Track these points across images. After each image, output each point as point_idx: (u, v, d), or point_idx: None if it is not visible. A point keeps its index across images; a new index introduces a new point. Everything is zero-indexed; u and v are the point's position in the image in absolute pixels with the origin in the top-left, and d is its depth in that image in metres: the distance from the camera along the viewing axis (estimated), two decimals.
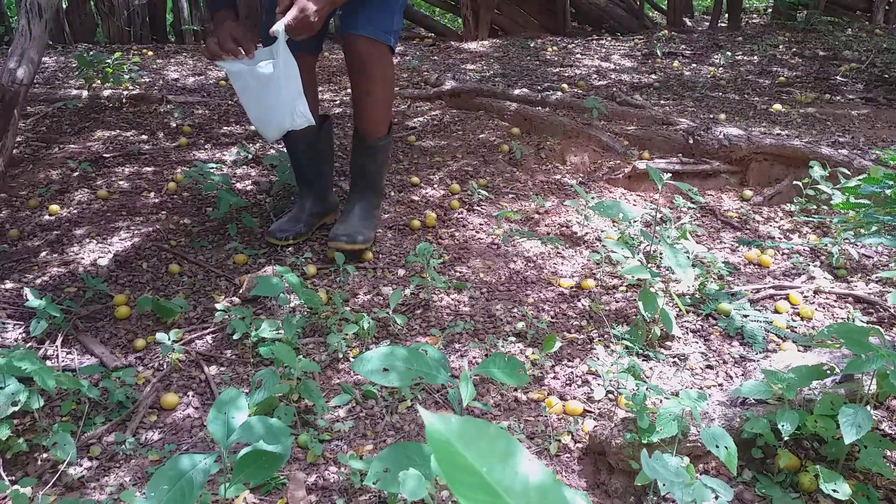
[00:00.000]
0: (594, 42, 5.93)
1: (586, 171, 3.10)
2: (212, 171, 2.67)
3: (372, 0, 2.04)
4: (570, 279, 2.20)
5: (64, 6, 5.22)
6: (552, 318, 2.01)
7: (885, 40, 5.71)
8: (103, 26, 5.33)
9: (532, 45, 5.67)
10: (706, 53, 5.38)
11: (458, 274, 2.22)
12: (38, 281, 2.14)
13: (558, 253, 2.37)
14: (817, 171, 2.59)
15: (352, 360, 1.78)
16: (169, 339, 1.78)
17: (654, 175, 1.93)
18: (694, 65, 5.02)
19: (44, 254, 2.29)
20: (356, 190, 2.29)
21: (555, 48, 5.57)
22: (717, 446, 1.26)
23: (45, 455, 1.47)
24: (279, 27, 1.82)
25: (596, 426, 1.52)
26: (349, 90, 4.18)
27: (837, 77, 4.66)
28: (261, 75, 1.89)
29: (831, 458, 1.45)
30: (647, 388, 1.49)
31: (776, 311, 2.06)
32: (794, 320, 2.03)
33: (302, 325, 1.85)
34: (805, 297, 2.14)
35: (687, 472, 1.19)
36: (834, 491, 1.28)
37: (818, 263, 2.35)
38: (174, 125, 3.42)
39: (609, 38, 6.15)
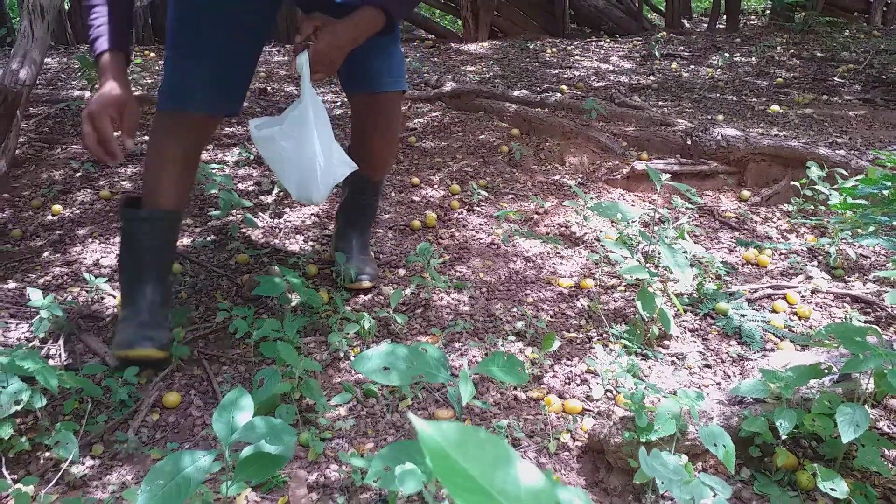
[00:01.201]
0: (593, 44, 5.94)
1: (585, 172, 3.11)
2: (214, 171, 2.68)
3: (381, 45, 1.85)
4: (569, 279, 2.21)
5: (66, 7, 5.23)
6: (551, 317, 2.02)
7: (883, 41, 5.73)
8: None
9: (531, 47, 5.68)
10: (704, 55, 5.39)
11: (458, 274, 2.23)
12: (41, 280, 2.14)
13: (557, 253, 2.38)
14: (815, 172, 2.60)
15: (353, 359, 1.79)
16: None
17: (652, 176, 1.94)
18: (692, 66, 5.04)
19: (46, 253, 2.30)
20: (356, 226, 2.14)
21: (554, 50, 5.58)
22: (716, 445, 1.27)
23: (47, 454, 1.48)
24: (303, 59, 1.58)
25: (595, 425, 1.53)
26: None
27: (835, 78, 4.67)
28: (293, 132, 1.61)
29: (829, 457, 1.46)
30: (645, 387, 1.50)
31: (774, 311, 2.07)
32: (791, 320, 2.04)
33: (303, 324, 1.86)
34: (803, 296, 2.15)
35: (685, 470, 1.20)
36: (832, 489, 1.29)
37: (816, 263, 2.36)
38: None
39: (608, 40, 6.17)
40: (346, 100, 4.02)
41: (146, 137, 3.31)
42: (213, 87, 1.75)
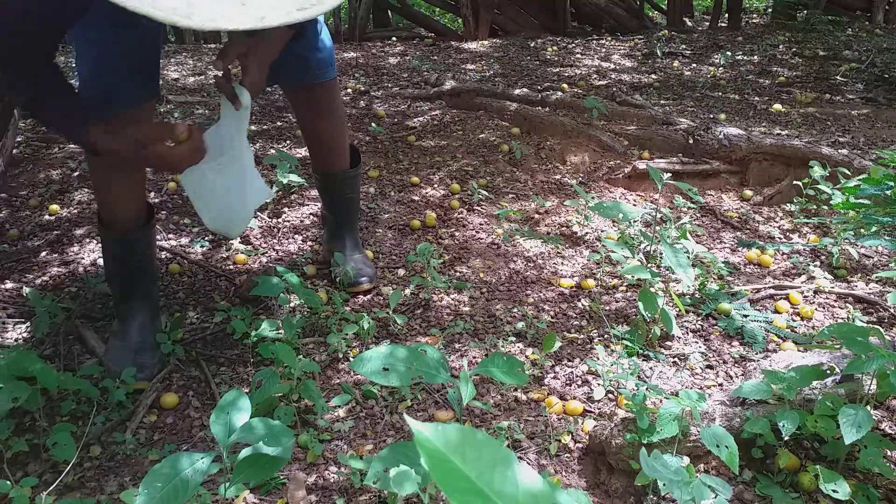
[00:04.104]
0: (594, 42, 5.93)
1: (586, 171, 3.10)
2: None
3: (308, 39, 1.82)
4: (570, 279, 2.20)
5: None
6: (552, 317, 2.01)
7: (885, 40, 5.71)
8: None
9: (532, 45, 5.67)
10: (706, 53, 5.38)
11: (458, 274, 2.22)
12: (39, 281, 2.14)
13: (558, 253, 2.37)
14: (817, 171, 2.59)
15: (352, 359, 1.78)
16: (169, 339, 1.78)
17: (654, 175, 1.93)
18: (694, 65, 5.02)
19: (44, 253, 2.29)
20: (346, 223, 2.15)
21: (555, 48, 5.57)
22: (718, 446, 1.26)
23: (45, 455, 1.47)
24: (247, 99, 1.52)
25: (596, 426, 1.52)
26: (349, 89, 4.18)
27: (837, 77, 4.66)
28: (225, 167, 1.56)
29: (831, 458, 1.45)
30: (647, 388, 1.49)
31: (776, 311, 2.06)
32: (794, 320, 2.03)
33: (302, 324, 1.85)
34: (805, 296, 2.14)
35: (687, 471, 1.19)
36: (834, 491, 1.28)
37: (818, 263, 2.35)
38: None
39: (609, 38, 6.16)
40: (344, 98, 4.00)
41: None
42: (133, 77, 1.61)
